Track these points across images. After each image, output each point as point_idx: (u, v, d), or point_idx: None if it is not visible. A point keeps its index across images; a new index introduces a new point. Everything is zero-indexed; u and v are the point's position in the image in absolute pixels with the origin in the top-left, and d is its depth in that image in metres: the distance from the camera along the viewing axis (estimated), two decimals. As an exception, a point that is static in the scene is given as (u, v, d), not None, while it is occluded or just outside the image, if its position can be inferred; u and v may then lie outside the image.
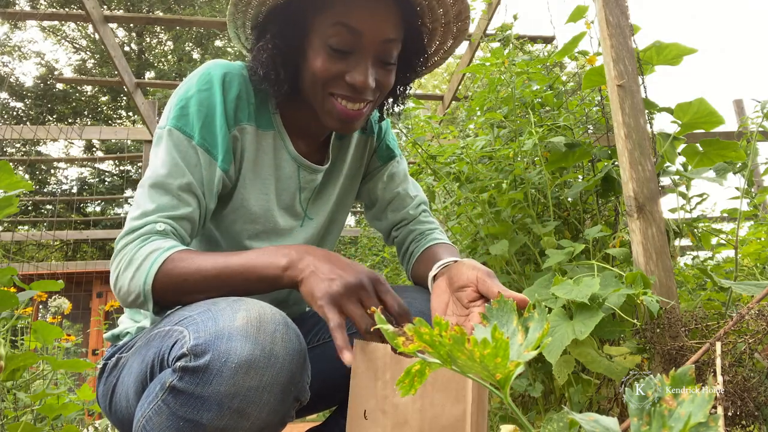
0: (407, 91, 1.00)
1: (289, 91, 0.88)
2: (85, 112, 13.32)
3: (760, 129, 1.31)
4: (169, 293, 0.73)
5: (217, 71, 0.84)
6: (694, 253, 1.80)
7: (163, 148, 0.80)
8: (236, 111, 0.85)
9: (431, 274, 0.90)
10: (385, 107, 1.00)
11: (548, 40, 2.98)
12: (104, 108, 13.78)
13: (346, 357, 0.62)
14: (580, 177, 1.78)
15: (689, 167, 1.40)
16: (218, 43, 13.48)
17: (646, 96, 1.36)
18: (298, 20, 0.83)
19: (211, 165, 0.82)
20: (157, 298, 0.74)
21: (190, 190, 0.80)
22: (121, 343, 0.90)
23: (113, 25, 5.04)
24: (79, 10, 2.89)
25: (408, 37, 0.87)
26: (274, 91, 0.86)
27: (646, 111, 1.36)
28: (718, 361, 0.90)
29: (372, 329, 0.75)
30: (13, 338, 1.78)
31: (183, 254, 0.74)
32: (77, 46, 13.50)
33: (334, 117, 0.84)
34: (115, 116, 14.06)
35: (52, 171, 13.01)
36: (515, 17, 2.18)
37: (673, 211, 1.44)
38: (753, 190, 1.56)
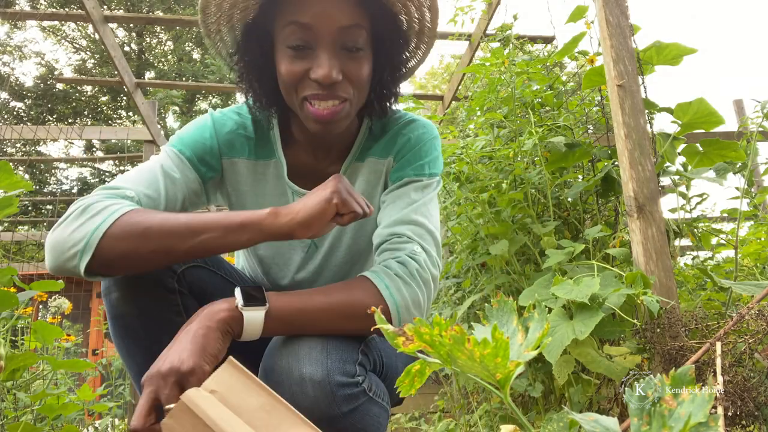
0: (395, 87, 0.92)
1: (277, 106, 0.90)
2: (85, 112, 13.32)
3: (760, 129, 1.31)
4: (123, 241, 0.69)
5: (214, 114, 0.94)
6: (694, 253, 1.80)
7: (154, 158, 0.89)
8: (231, 144, 0.92)
9: None
10: (373, 104, 0.91)
11: (548, 40, 2.98)
12: (104, 108, 13.77)
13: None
14: (580, 177, 1.78)
15: (689, 167, 1.40)
16: (218, 43, 13.45)
17: (646, 96, 1.36)
18: (263, 33, 0.85)
19: (190, 172, 0.88)
20: (101, 251, 0.68)
21: (166, 181, 0.84)
22: None
23: (113, 25, 5.05)
24: (79, 10, 2.89)
25: (375, 22, 0.84)
26: (259, 106, 0.90)
27: (646, 111, 1.36)
28: (718, 361, 0.90)
29: (372, 329, 0.76)
30: (13, 338, 1.78)
31: (148, 210, 0.75)
32: (77, 46, 13.50)
33: (311, 120, 0.83)
34: (115, 116, 14.05)
35: (52, 171, 13.01)
36: (515, 17, 2.18)
37: (673, 211, 1.44)
38: (753, 190, 1.56)
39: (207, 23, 0.85)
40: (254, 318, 0.70)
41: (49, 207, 11.64)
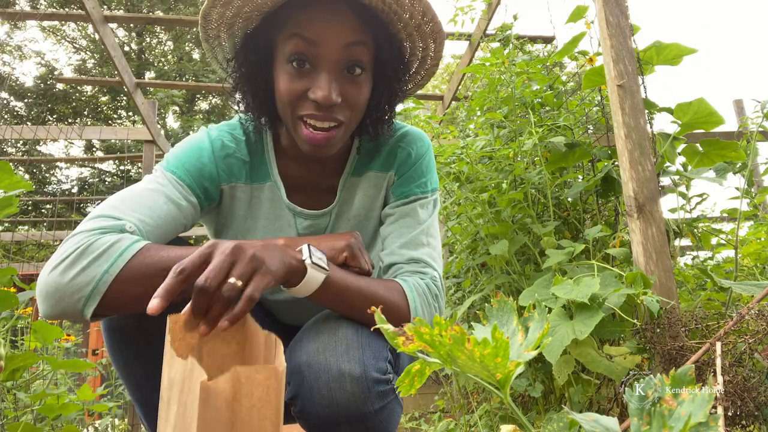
0: (391, 111, 0.92)
1: (268, 117, 0.89)
2: (85, 112, 13.33)
3: (760, 129, 1.31)
4: (137, 285, 0.64)
5: (211, 134, 0.90)
6: (694, 253, 1.80)
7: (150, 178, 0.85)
8: (229, 168, 0.90)
9: None
10: (368, 127, 0.91)
11: (548, 40, 2.97)
12: (104, 108, 13.78)
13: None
14: (580, 177, 1.78)
15: (689, 167, 1.40)
16: (218, 43, 13.45)
17: (646, 96, 1.36)
18: (264, 46, 0.83)
19: (192, 198, 0.85)
20: (110, 296, 0.63)
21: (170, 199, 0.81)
22: None
23: (113, 25, 5.05)
24: (79, 10, 2.89)
25: (379, 46, 0.84)
26: (251, 117, 0.89)
27: (646, 111, 1.36)
28: (718, 361, 0.90)
29: (372, 329, 0.78)
30: (13, 338, 1.78)
31: (159, 246, 0.68)
32: (77, 46, 13.50)
33: (304, 142, 0.82)
34: (115, 116, 14.06)
35: (52, 171, 13.02)
36: (515, 17, 2.18)
37: (673, 211, 1.44)
38: (753, 190, 1.56)
39: (207, 29, 0.84)
40: (314, 278, 0.71)
41: (49, 207, 11.65)
